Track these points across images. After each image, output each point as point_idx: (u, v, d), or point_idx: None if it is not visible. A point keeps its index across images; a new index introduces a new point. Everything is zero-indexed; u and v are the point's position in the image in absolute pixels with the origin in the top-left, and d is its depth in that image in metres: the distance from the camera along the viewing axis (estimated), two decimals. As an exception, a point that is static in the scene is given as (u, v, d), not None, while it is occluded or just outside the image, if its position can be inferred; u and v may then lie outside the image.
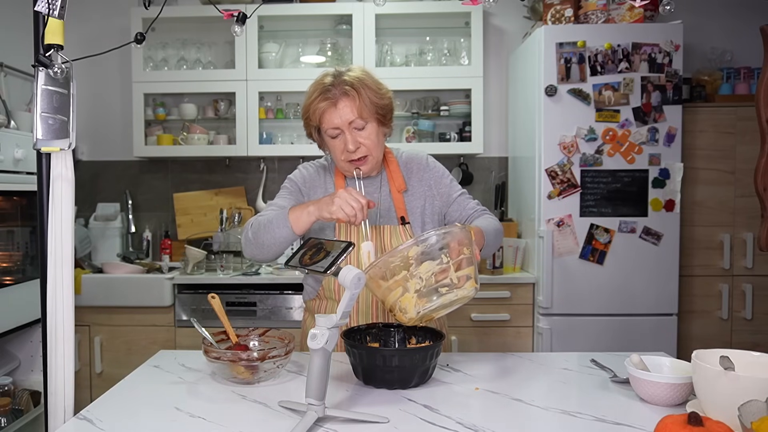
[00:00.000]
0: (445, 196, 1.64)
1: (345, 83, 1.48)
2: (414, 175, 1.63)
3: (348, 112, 1.47)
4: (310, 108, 1.51)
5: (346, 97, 1.47)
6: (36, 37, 1.24)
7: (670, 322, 2.68)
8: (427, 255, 1.22)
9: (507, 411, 1.14)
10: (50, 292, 1.25)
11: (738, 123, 2.78)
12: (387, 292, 1.26)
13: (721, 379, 0.97)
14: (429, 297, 1.23)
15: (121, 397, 1.23)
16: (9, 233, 2.55)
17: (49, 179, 1.25)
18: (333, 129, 1.49)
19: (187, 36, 3.21)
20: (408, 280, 1.22)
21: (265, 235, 1.46)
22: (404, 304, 1.24)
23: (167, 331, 2.78)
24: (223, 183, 3.38)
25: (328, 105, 1.47)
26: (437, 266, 1.22)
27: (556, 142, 2.64)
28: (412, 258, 1.21)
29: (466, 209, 1.65)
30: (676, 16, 2.72)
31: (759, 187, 1.92)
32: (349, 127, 1.48)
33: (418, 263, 1.21)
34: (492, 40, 3.32)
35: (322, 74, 1.55)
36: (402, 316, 1.27)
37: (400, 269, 1.22)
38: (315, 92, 1.50)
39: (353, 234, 1.55)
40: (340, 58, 3.18)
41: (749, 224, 2.78)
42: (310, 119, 1.52)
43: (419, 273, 1.21)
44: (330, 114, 1.48)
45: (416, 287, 1.22)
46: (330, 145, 1.53)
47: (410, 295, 1.23)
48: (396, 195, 1.60)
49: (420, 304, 1.23)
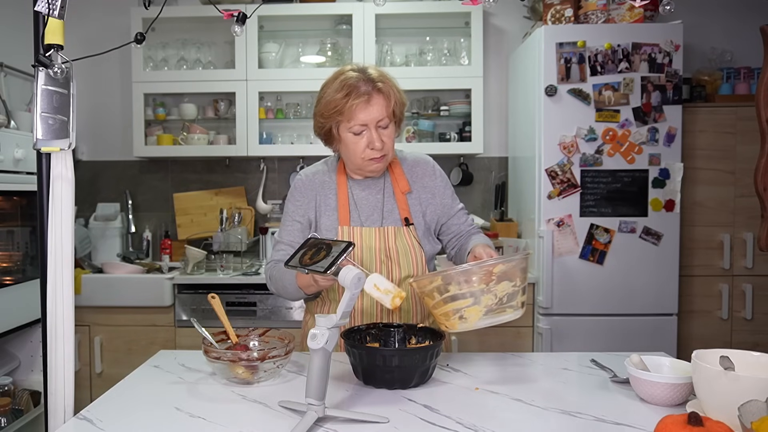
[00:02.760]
0: (447, 207, 1.65)
1: (374, 80, 1.47)
2: (419, 179, 1.63)
3: (379, 110, 1.47)
4: (338, 104, 1.47)
5: (379, 95, 1.47)
6: (36, 37, 1.24)
7: (670, 322, 2.68)
8: (507, 275, 1.25)
9: (507, 411, 1.14)
10: (50, 292, 1.25)
11: (738, 123, 2.78)
12: (451, 298, 1.27)
13: (721, 379, 0.97)
14: (494, 313, 1.27)
15: (121, 397, 1.23)
16: (9, 233, 2.55)
17: (49, 179, 1.25)
18: (360, 126, 1.48)
19: (187, 36, 3.21)
20: (484, 294, 1.25)
21: (282, 291, 1.55)
22: (469, 313, 1.26)
23: (167, 331, 2.78)
24: (223, 183, 3.38)
25: (362, 102, 1.46)
26: (512, 287, 1.26)
27: (556, 142, 2.64)
28: (494, 275, 1.24)
29: (464, 225, 1.68)
30: (676, 16, 2.72)
31: (759, 187, 1.92)
32: (376, 126, 1.48)
33: (499, 281, 1.25)
34: (492, 40, 3.32)
35: (340, 71, 1.53)
36: (456, 322, 1.28)
37: (479, 282, 1.25)
38: (342, 89, 1.47)
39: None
40: (340, 58, 3.18)
41: (749, 224, 2.78)
42: (336, 115, 1.49)
43: (496, 290, 1.25)
44: (361, 111, 1.46)
45: (488, 302, 1.25)
46: (350, 142, 1.50)
47: (480, 308, 1.26)
48: (399, 196, 1.60)
49: (485, 318, 1.26)
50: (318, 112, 1.54)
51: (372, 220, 1.58)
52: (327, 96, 1.50)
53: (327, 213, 1.58)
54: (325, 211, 1.59)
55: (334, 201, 1.59)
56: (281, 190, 3.36)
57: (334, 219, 1.57)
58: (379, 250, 1.54)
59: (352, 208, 1.58)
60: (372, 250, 1.53)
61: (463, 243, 1.66)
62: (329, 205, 1.59)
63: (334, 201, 1.59)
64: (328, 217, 1.58)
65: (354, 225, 1.56)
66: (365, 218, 1.58)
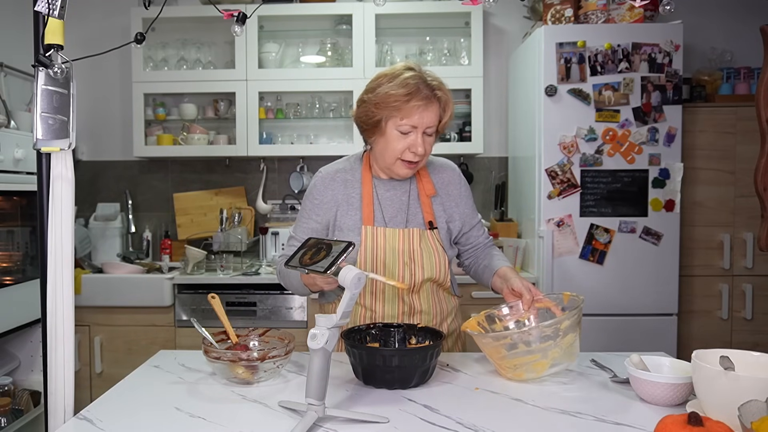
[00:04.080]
0: (468, 218, 1.66)
1: (433, 87, 1.47)
2: (444, 186, 1.64)
3: (432, 117, 1.47)
4: (399, 99, 1.44)
5: (437, 103, 1.48)
6: (36, 37, 1.24)
7: (670, 322, 2.68)
8: (571, 329, 1.27)
9: (507, 411, 1.14)
10: (50, 292, 1.25)
11: (738, 123, 2.78)
12: (519, 354, 1.27)
13: (721, 379, 0.97)
14: (558, 363, 1.28)
15: (121, 397, 1.23)
16: (9, 233, 2.55)
17: (49, 179, 1.25)
18: (410, 126, 1.46)
19: (187, 36, 3.21)
20: (551, 349, 1.26)
21: (291, 287, 1.58)
22: (537, 366, 1.28)
23: (167, 331, 2.78)
24: (223, 183, 3.38)
25: (422, 104, 1.45)
26: (574, 338, 1.28)
27: (556, 142, 2.64)
28: (562, 330, 1.26)
29: (480, 238, 1.70)
30: (676, 16, 2.72)
31: (759, 187, 1.92)
32: (424, 131, 1.48)
33: (564, 335, 1.26)
34: (492, 40, 3.32)
35: (398, 68, 1.50)
36: (522, 373, 1.29)
37: (546, 339, 1.26)
38: (405, 86, 1.45)
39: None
40: (340, 58, 3.18)
41: (749, 224, 2.78)
42: (392, 110, 1.46)
43: (562, 344, 1.26)
44: (418, 113, 1.45)
45: (555, 355, 1.27)
46: (393, 138, 1.48)
47: (546, 361, 1.27)
48: (424, 199, 1.59)
49: (550, 369, 1.28)
50: (371, 101, 1.49)
51: (396, 222, 1.56)
52: (387, 89, 1.46)
53: (350, 212, 1.56)
54: (347, 211, 1.56)
55: (357, 200, 1.57)
56: (281, 190, 3.36)
57: (357, 218, 1.55)
58: (402, 252, 1.52)
59: (376, 207, 1.57)
60: (395, 252, 1.52)
61: (479, 257, 1.68)
62: (352, 204, 1.57)
63: (357, 200, 1.57)
64: (351, 217, 1.56)
65: (378, 225, 1.55)
66: (389, 219, 1.57)
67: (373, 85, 1.51)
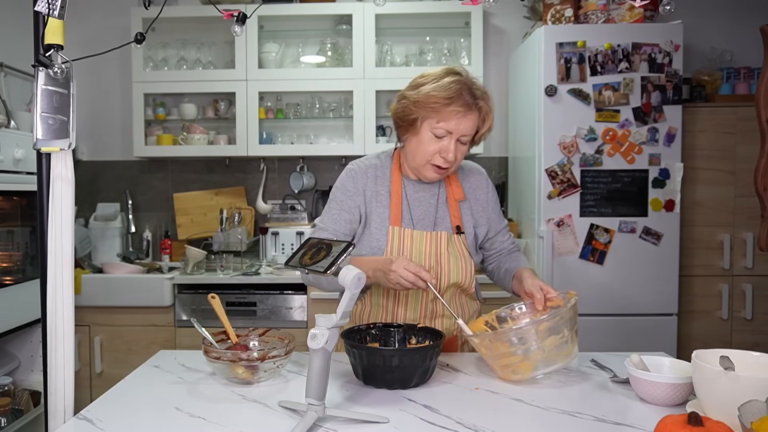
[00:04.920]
0: (494, 223, 1.65)
1: (477, 97, 1.46)
2: (472, 190, 1.63)
3: (470, 126, 1.46)
4: (439, 101, 1.43)
5: (476, 113, 1.46)
6: (36, 37, 1.24)
7: (670, 322, 2.68)
8: (554, 330, 1.27)
9: (507, 411, 1.14)
10: (50, 292, 1.25)
11: (738, 123, 2.78)
12: (505, 355, 1.28)
13: (721, 379, 0.97)
14: (545, 364, 1.28)
15: (121, 397, 1.23)
16: (9, 233, 2.55)
17: (49, 179, 1.25)
18: (445, 131, 1.45)
19: (187, 36, 3.21)
20: (532, 351, 1.26)
21: (322, 285, 1.54)
22: (521, 368, 1.28)
23: (167, 331, 2.78)
24: (223, 183, 3.38)
25: (462, 111, 1.43)
26: (560, 339, 1.27)
27: (556, 142, 2.64)
28: (542, 331, 1.26)
29: (505, 243, 1.68)
30: (676, 16, 2.72)
31: (759, 187, 1.92)
32: (458, 138, 1.46)
33: (545, 337, 1.26)
34: (492, 40, 3.32)
35: (449, 70, 1.48)
36: (510, 375, 1.30)
37: (527, 340, 1.26)
38: (448, 89, 1.43)
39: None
40: (340, 58, 3.18)
41: (749, 224, 2.78)
42: (430, 111, 1.44)
43: (544, 346, 1.26)
44: (455, 118, 1.43)
45: (538, 357, 1.27)
46: (426, 139, 1.47)
47: (530, 362, 1.27)
48: (453, 203, 1.59)
49: (536, 370, 1.28)
50: (411, 99, 1.46)
51: (424, 224, 1.56)
52: (430, 90, 1.44)
53: (378, 209, 1.56)
54: (376, 207, 1.56)
55: (386, 197, 1.56)
56: (281, 190, 3.36)
57: (385, 216, 1.54)
58: (429, 255, 1.52)
59: (405, 208, 1.56)
60: (421, 255, 1.52)
61: (503, 262, 1.66)
62: (381, 201, 1.56)
63: (386, 197, 1.56)
64: (379, 214, 1.55)
65: (405, 226, 1.54)
66: (417, 221, 1.56)
67: (416, 82, 1.50)
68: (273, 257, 3.05)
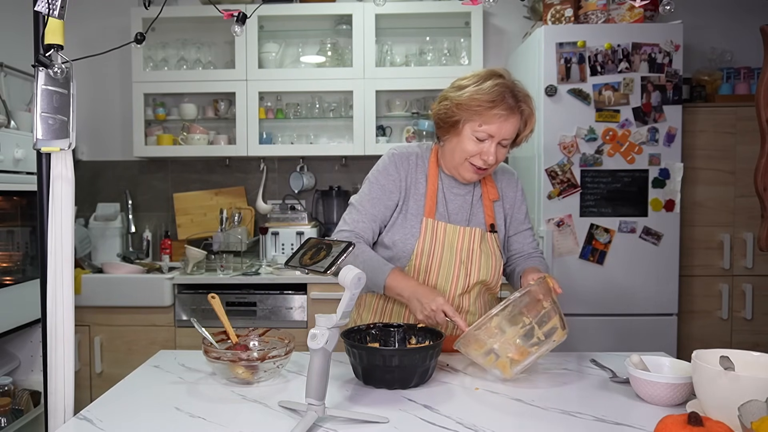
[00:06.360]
0: (517, 222, 1.66)
1: (521, 100, 1.46)
2: (503, 190, 1.64)
3: (511, 129, 1.46)
4: (482, 104, 1.42)
5: (518, 116, 1.46)
6: (36, 37, 1.24)
7: (670, 322, 2.68)
8: (510, 322, 1.26)
9: (507, 411, 1.14)
10: (50, 292, 1.25)
11: (738, 123, 2.78)
12: (484, 357, 1.29)
13: (721, 379, 0.97)
14: (524, 355, 1.27)
15: (121, 397, 1.23)
16: (9, 233, 2.55)
17: (49, 179, 1.25)
18: (487, 134, 1.45)
19: (187, 36, 3.21)
20: (498, 349, 1.26)
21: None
22: (500, 367, 1.28)
23: (167, 331, 2.78)
24: (223, 183, 3.38)
25: (504, 115, 1.43)
26: (521, 329, 1.26)
27: (556, 142, 2.63)
28: (495, 328, 1.25)
29: (527, 244, 1.68)
30: (676, 16, 2.72)
31: (759, 187, 1.92)
32: (499, 141, 1.46)
33: (502, 332, 1.25)
34: (492, 40, 3.32)
35: (492, 72, 1.47)
36: (498, 373, 1.30)
37: (491, 339, 1.26)
38: (491, 93, 1.42)
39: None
40: (340, 58, 3.18)
41: (749, 224, 2.78)
42: (473, 114, 1.44)
43: (507, 339, 1.25)
44: (497, 122, 1.43)
45: (508, 354, 1.26)
46: (466, 141, 1.47)
47: (504, 360, 1.27)
48: (487, 202, 1.59)
49: (514, 365, 1.27)
50: (454, 101, 1.46)
51: (458, 219, 1.56)
52: (473, 92, 1.43)
53: (415, 197, 1.56)
54: (413, 195, 1.56)
55: (423, 186, 1.56)
56: (281, 190, 3.36)
57: (420, 206, 1.55)
58: (460, 250, 1.52)
59: (440, 201, 1.56)
60: (453, 249, 1.52)
61: (519, 264, 1.66)
62: (418, 190, 1.56)
63: (423, 186, 1.56)
64: (416, 202, 1.55)
65: (439, 219, 1.55)
66: (452, 215, 1.57)
67: (458, 84, 1.49)
68: (273, 257, 3.05)
